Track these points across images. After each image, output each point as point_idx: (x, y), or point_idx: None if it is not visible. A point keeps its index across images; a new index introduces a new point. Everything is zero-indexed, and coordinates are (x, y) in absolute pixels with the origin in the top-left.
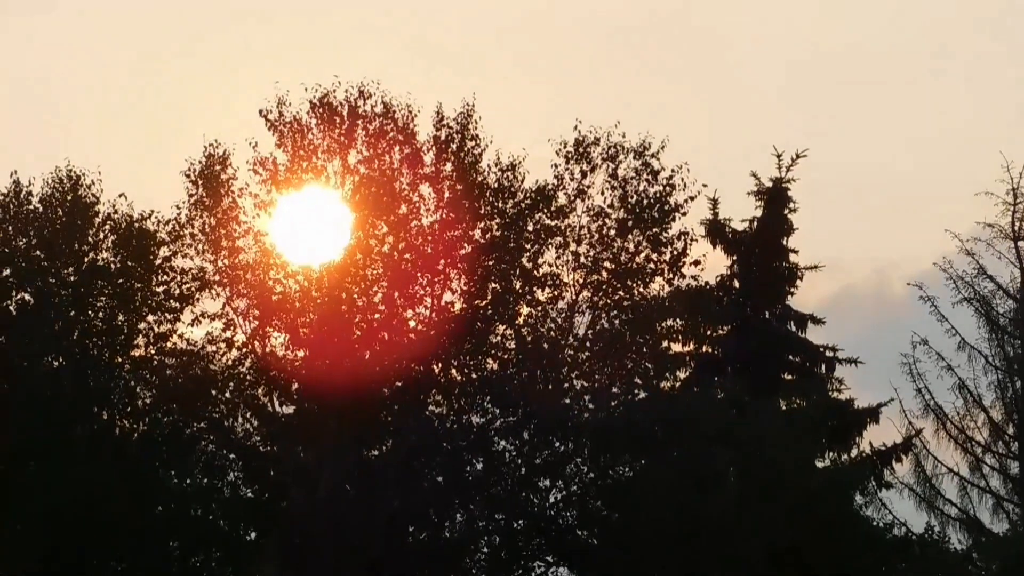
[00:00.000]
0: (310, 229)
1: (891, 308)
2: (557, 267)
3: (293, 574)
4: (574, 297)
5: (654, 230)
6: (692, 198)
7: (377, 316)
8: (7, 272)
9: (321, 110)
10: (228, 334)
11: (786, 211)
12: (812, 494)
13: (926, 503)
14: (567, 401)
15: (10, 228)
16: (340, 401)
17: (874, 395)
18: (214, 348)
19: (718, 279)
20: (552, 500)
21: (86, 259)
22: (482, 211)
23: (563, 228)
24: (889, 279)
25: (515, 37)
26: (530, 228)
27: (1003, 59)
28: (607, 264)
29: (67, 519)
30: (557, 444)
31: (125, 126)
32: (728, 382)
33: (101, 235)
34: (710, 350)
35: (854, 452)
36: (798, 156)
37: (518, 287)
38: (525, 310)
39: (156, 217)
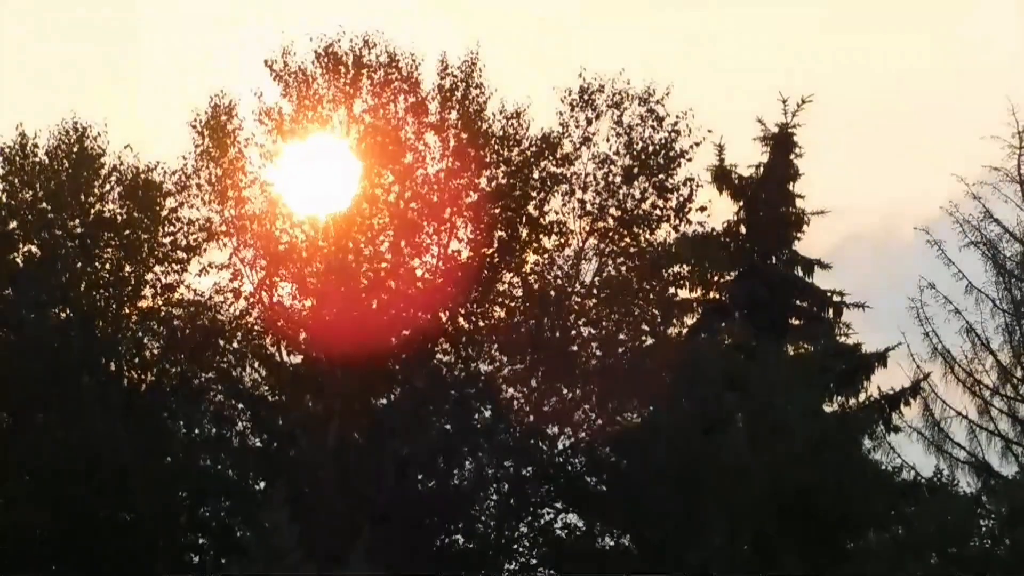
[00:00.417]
0: (316, 179)
1: (899, 253)
2: (563, 214)
3: (302, 523)
4: (580, 244)
5: (660, 176)
6: (697, 144)
7: (384, 265)
8: (13, 224)
9: (326, 60)
10: (235, 284)
11: (792, 156)
12: (821, 438)
13: (934, 447)
14: (574, 348)
15: (16, 180)
16: (347, 351)
17: (882, 339)
18: (221, 298)
19: (724, 225)
20: (560, 447)
21: (92, 211)
22: (487, 159)
23: (568, 175)
24: (897, 224)
25: None
26: (536, 176)
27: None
28: (613, 211)
29: (75, 470)
30: (565, 391)
31: (130, 77)
32: (735, 327)
33: (107, 187)
34: (717, 296)
35: (862, 396)
36: (804, 101)
37: (524, 235)
38: (532, 258)
39: (162, 168)
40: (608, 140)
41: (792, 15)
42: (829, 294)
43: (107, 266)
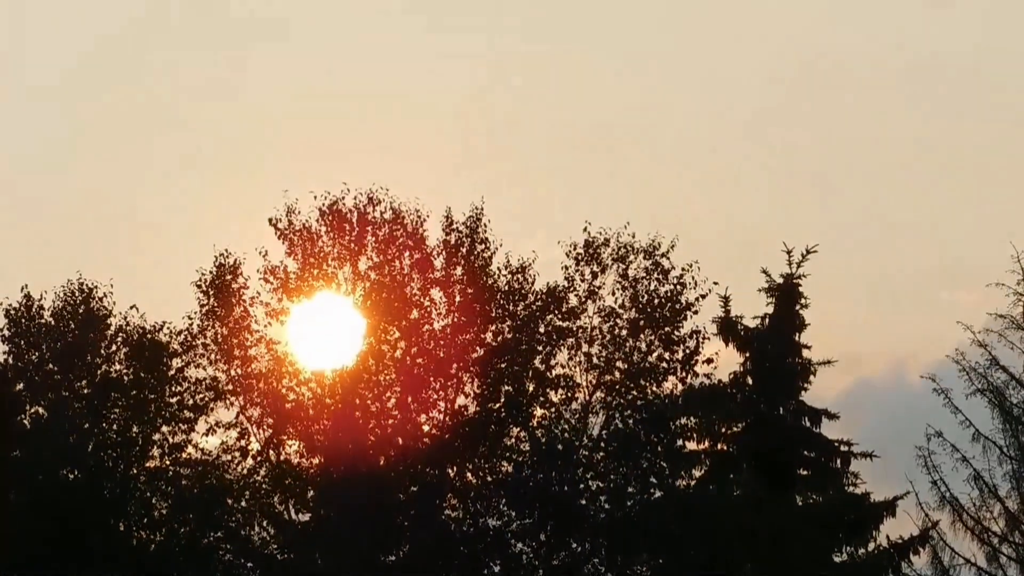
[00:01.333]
0: (322, 336)
1: (907, 401)
2: (570, 368)
3: None
4: (587, 398)
5: (666, 329)
6: (703, 296)
7: (391, 421)
8: (20, 386)
9: (330, 217)
10: (242, 443)
11: (797, 307)
12: None
13: None
14: (583, 501)
15: (22, 342)
16: (356, 507)
17: (891, 488)
18: (229, 457)
19: (731, 376)
20: None
21: (99, 371)
22: (493, 314)
23: (575, 329)
24: (905, 372)
25: (522, 140)
26: (542, 330)
27: (1013, 147)
28: (620, 364)
29: None
30: (574, 545)
31: (135, 238)
32: (744, 479)
33: (114, 347)
34: (725, 447)
35: (871, 546)
36: (808, 252)
37: (531, 389)
38: (539, 412)
39: (168, 328)
40: (614, 293)
41: (793, 168)
42: (837, 444)
43: (115, 426)
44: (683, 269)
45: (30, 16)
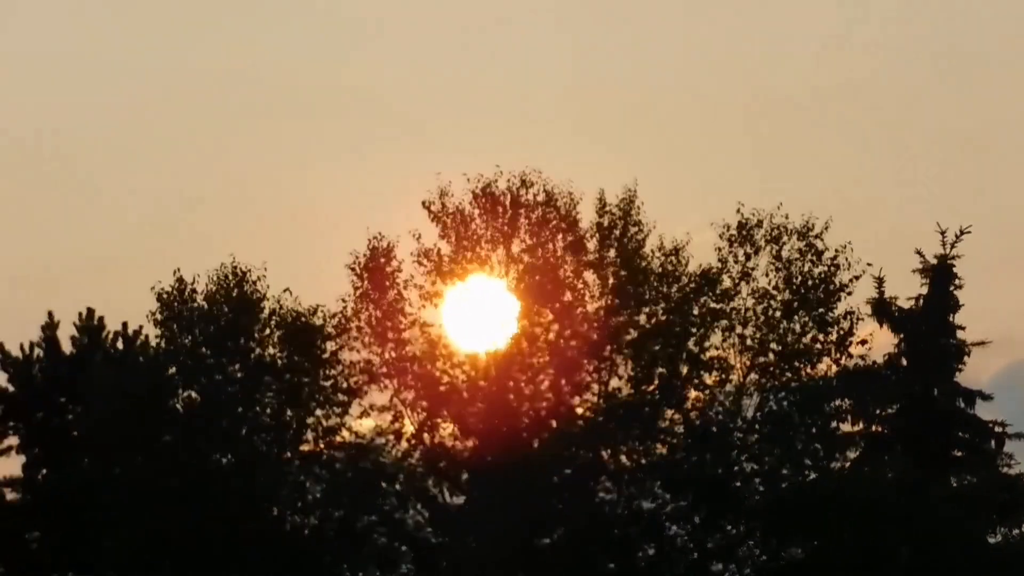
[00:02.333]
0: (475, 318)
1: None
2: (724, 350)
3: None
4: (741, 379)
5: (819, 311)
6: (857, 277)
7: (544, 404)
8: (173, 370)
9: (483, 200)
10: (396, 426)
11: (952, 288)
12: (986, 571)
13: None
14: (737, 484)
15: (174, 326)
16: (510, 490)
17: None
18: (383, 440)
19: (885, 358)
20: None
21: (253, 355)
22: (647, 296)
23: (728, 311)
24: None
25: (676, 121)
26: (695, 312)
27: None
28: (773, 346)
29: None
30: (728, 527)
31: (289, 221)
32: (898, 461)
33: (267, 331)
34: (879, 429)
35: None
36: (962, 232)
37: (685, 371)
38: (693, 394)
39: (322, 311)
40: (767, 275)
41: (947, 147)
42: (991, 425)
43: (268, 410)
44: (837, 250)
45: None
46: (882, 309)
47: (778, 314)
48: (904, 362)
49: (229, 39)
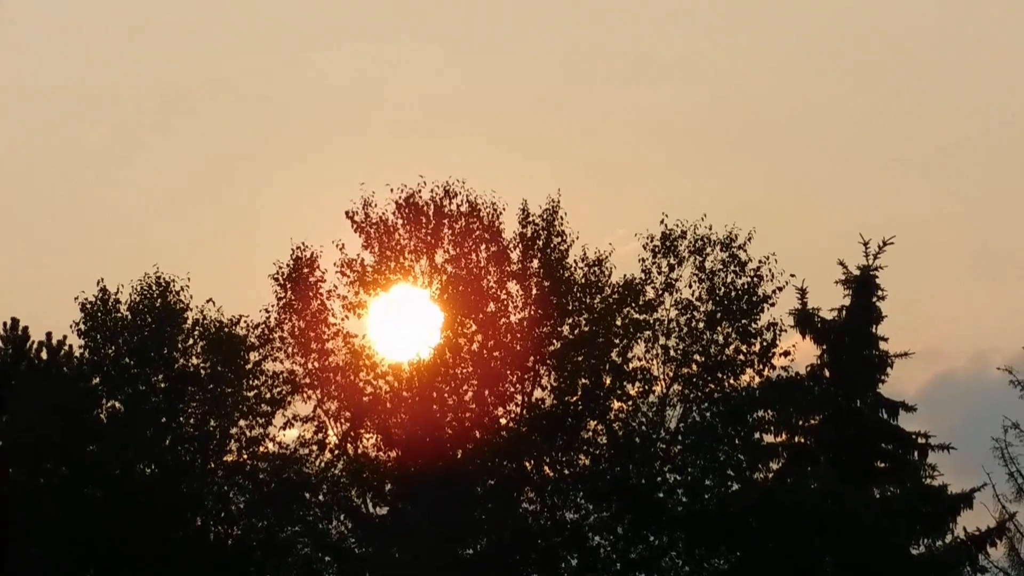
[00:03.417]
0: (399, 329)
1: (987, 393)
2: (647, 361)
3: None
4: (665, 390)
5: (743, 321)
6: (780, 288)
7: (468, 414)
8: (97, 380)
9: (407, 210)
10: (320, 436)
11: (874, 299)
12: None
13: None
14: (661, 495)
15: (98, 336)
16: (433, 500)
17: (970, 481)
18: (306, 451)
19: (808, 369)
20: None
21: (176, 365)
22: (570, 307)
23: (652, 322)
24: (986, 364)
25: (600, 131)
26: (619, 323)
27: None
28: (697, 357)
29: None
30: (652, 538)
31: (212, 231)
32: (821, 471)
33: (191, 341)
34: (802, 440)
35: (949, 538)
36: (885, 243)
37: (608, 382)
38: (616, 405)
39: (245, 321)
40: (691, 286)
41: (870, 159)
42: (914, 436)
43: (191, 420)
44: (760, 261)
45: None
46: (805, 320)
47: (701, 325)
48: (827, 373)
49: (150, 48)
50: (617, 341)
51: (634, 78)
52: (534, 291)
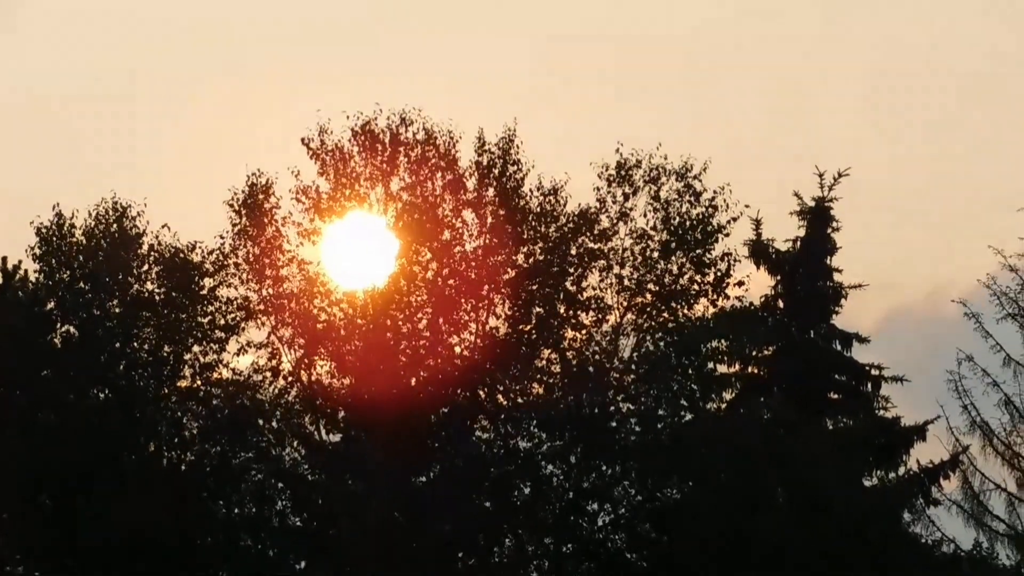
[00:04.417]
0: (354, 256)
1: (942, 326)
2: (601, 290)
3: None
4: (618, 320)
5: (697, 252)
6: (735, 219)
7: (422, 342)
8: (51, 305)
9: (363, 137)
10: (273, 363)
11: (829, 231)
12: (860, 513)
13: (974, 519)
14: (613, 424)
15: (53, 261)
16: (387, 428)
17: (923, 413)
18: (260, 377)
19: (762, 299)
20: (600, 524)
21: (131, 291)
22: (525, 236)
23: (606, 251)
24: (941, 298)
25: (554, 60)
26: (573, 252)
27: None
28: (651, 286)
29: (116, 552)
30: (604, 467)
31: (168, 157)
32: (774, 403)
33: (146, 266)
34: (755, 371)
35: (901, 470)
36: (840, 175)
37: (562, 311)
38: (570, 334)
39: (200, 247)
40: (645, 215)
41: (830, 90)
42: (868, 368)
43: (146, 346)
44: (715, 191)
45: None
46: (759, 251)
47: (656, 255)
48: (781, 304)
49: None
50: (571, 270)
51: (591, 6)
52: (489, 220)
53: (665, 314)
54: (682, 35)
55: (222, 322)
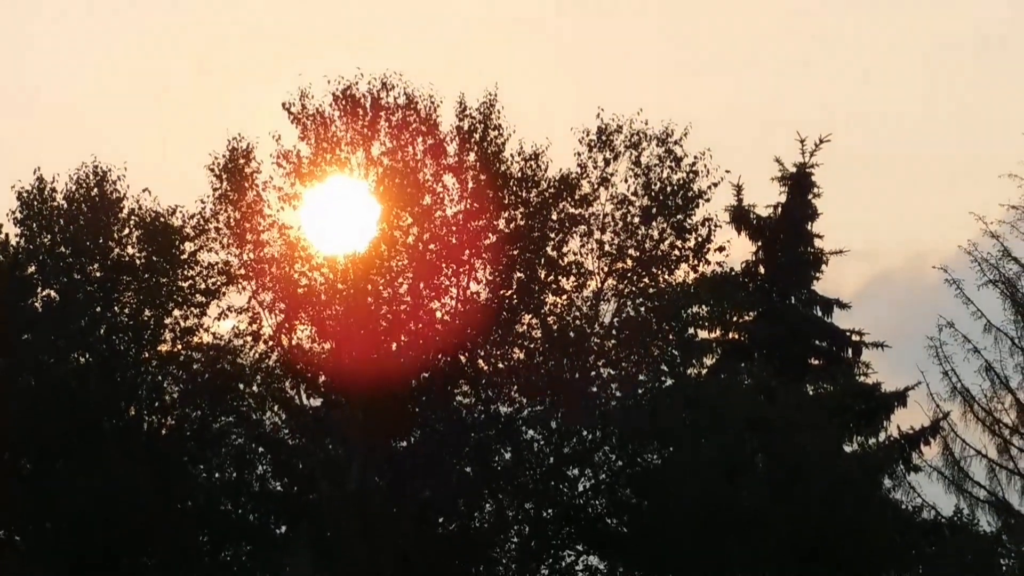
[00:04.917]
0: (334, 221)
1: (923, 293)
2: (582, 255)
3: (323, 567)
4: (599, 285)
5: (678, 217)
6: (716, 184)
7: (403, 307)
8: (32, 269)
9: (344, 102)
10: (254, 328)
11: (810, 196)
12: (841, 479)
13: (955, 486)
14: (594, 389)
15: (34, 225)
16: (367, 393)
17: (903, 379)
18: (241, 342)
19: (743, 265)
20: (581, 489)
21: (112, 255)
22: (506, 201)
23: (587, 216)
24: (923, 264)
25: (536, 26)
26: (554, 217)
27: None
28: (632, 252)
29: (96, 516)
30: (585, 433)
31: (149, 121)
32: (755, 368)
33: (127, 231)
34: (736, 336)
35: (882, 436)
36: (821, 141)
37: (543, 276)
38: (551, 299)
39: (181, 212)
40: (626, 181)
41: (812, 56)
42: (848, 334)
43: (126, 310)
44: (696, 157)
45: None
46: (740, 216)
47: (636, 220)
48: (762, 270)
49: None
50: (552, 235)
51: None
52: (470, 184)
53: (646, 279)
54: (663, 2)
55: (203, 286)
